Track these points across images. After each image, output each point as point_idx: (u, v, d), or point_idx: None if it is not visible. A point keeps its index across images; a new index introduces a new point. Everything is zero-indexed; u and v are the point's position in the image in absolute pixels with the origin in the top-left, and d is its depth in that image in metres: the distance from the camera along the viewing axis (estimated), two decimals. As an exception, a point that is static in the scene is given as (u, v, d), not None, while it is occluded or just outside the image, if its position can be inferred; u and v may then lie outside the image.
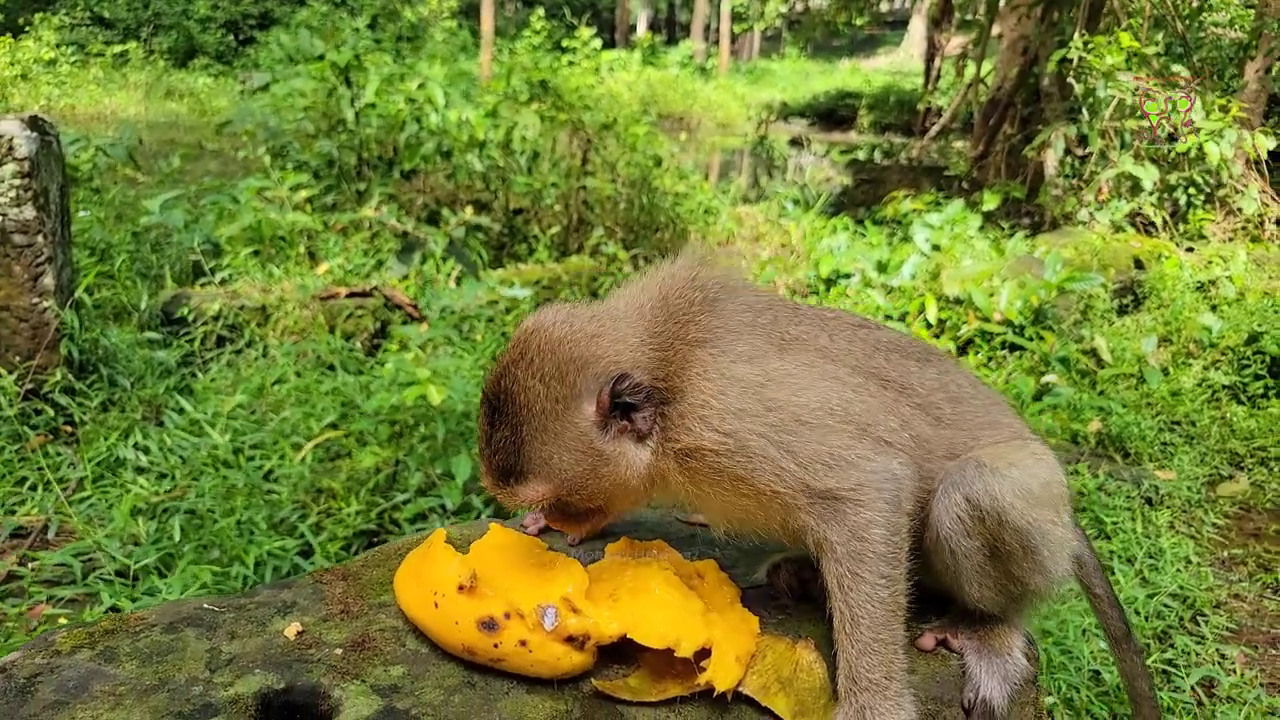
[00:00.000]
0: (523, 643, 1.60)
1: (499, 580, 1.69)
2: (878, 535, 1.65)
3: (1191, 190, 10.10)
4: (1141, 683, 2.24)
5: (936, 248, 8.66)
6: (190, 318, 6.58)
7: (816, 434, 1.69)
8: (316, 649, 1.62)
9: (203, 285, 7.38)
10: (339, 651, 1.63)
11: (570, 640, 1.61)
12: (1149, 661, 3.78)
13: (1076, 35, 10.80)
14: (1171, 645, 3.98)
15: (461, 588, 1.63)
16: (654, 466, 1.75)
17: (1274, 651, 4.07)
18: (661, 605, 1.66)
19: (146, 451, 4.99)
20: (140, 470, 4.87)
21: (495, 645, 1.60)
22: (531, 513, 2.17)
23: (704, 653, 1.62)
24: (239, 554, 3.99)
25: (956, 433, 1.89)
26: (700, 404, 1.70)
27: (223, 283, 7.36)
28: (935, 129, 19.11)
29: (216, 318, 6.60)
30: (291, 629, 1.65)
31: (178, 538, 4.04)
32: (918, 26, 38.99)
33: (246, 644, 1.61)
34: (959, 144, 19.58)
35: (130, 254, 8.07)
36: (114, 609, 3.51)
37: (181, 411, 5.41)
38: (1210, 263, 8.69)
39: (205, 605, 1.68)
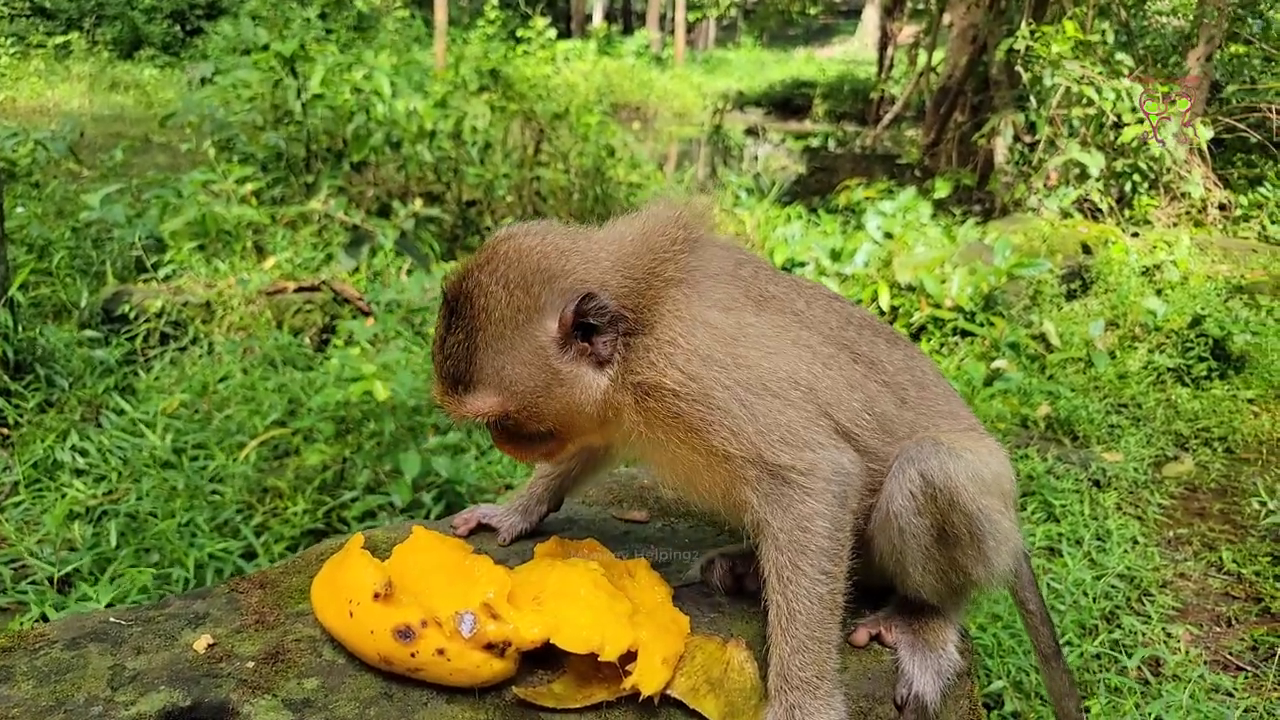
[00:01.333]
0: (440, 651, 1.54)
1: (418, 586, 1.63)
2: (822, 528, 1.62)
3: (1136, 177, 10.26)
4: (1069, 702, 2.22)
5: (889, 235, 8.71)
6: (132, 315, 6.41)
7: (779, 404, 1.65)
8: (227, 662, 1.56)
9: (145, 281, 7.19)
10: (251, 664, 1.56)
11: (490, 647, 1.55)
12: (1096, 643, 3.82)
13: (1024, 25, 10.91)
14: (1119, 626, 4.03)
15: (377, 595, 1.57)
16: (610, 397, 1.69)
17: (1218, 629, 4.14)
18: (586, 608, 1.61)
19: (85, 454, 4.85)
20: (79, 473, 4.73)
21: (412, 655, 1.54)
22: (461, 512, 2.12)
23: (630, 656, 1.58)
24: (179, 557, 3.88)
25: (918, 416, 1.87)
26: (668, 340, 1.65)
27: (166, 279, 7.18)
28: (888, 117, 19.25)
29: (159, 314, 6.44)
30: (201, 642, 1.59)
31: (115, 542, 3.93)
32: (871, 16, 39.20)
33: (153, 659, 1.54)
34: (911, 132, 19.74)
35: (70, 250, 7.85)
36: (43, 618, 3.40)
37: (122, 412, 5.26)
38: (1155, 248, 8.83)
39: (112, 619, 1.61)
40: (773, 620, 1.62)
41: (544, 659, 1.62)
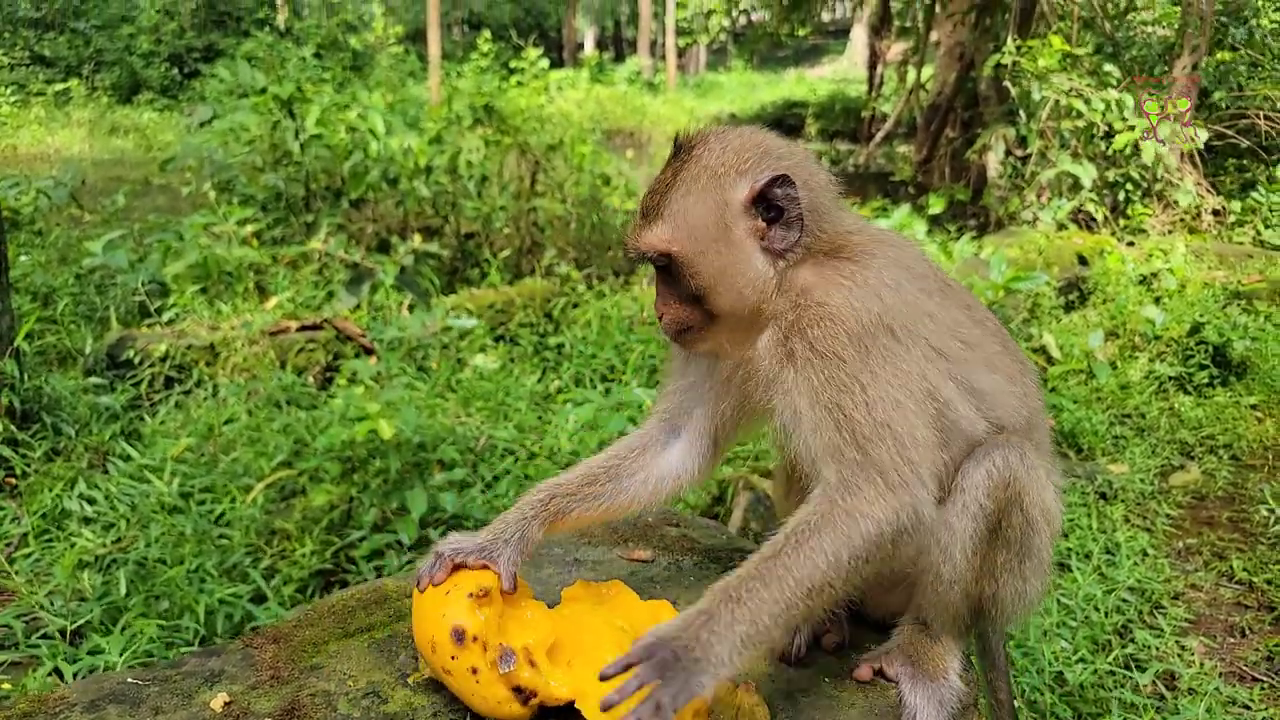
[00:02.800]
0: (474, 670, 1.60)
1: (506, 609, 1.73)
2: (866, 531, 1.59)
3: (1129, 186, 10.31)
4: None
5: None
6: (136, 360, 6.44)
7: (916, 409, 1.66)
8: (243, 720, 1.57)
9: (149, 326, 7.23)
10: (267, 721, 1.58)
11: (518, 691, 1.60)
12: (1109, 659, 3.81)
13: (1009, 40, 11.01)
14: (1132, 640, 4.02)
15: (472, 594, 1.65)
16: (767, 291, 1.75)
17: (1232, 640, 4.13)
18: None
19: (92, 502, 4.86)
20: (87, 521, 4.74)
21: (452, 658, 1.60)
22: (426, 559, 1.90)
23: None
24: (189, 604, 3.89)
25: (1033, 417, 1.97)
26: (854, 270, 1.71)
27: (169, 322, 7.22)
28: (880, 135, 19.36)
29: (164, 359, 6.47)
30: (218, 700, 1.60)
31: (124, 591, 3.94)
32: (859, 35, 39.49)
33: (171, 719, 1.55)
34: (903, 149, 19.84)
35: (74, 297, 7.91)
36: (56, 672, 3.41)
37: (128, 458, 5.28)
38: (1151, 256, 8.86)
39: (129, 679, 1.62)
40: (757, 553, 1.61)
41: (561, 715, 1.64)
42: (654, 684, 1.41)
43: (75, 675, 3.41)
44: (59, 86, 24.52)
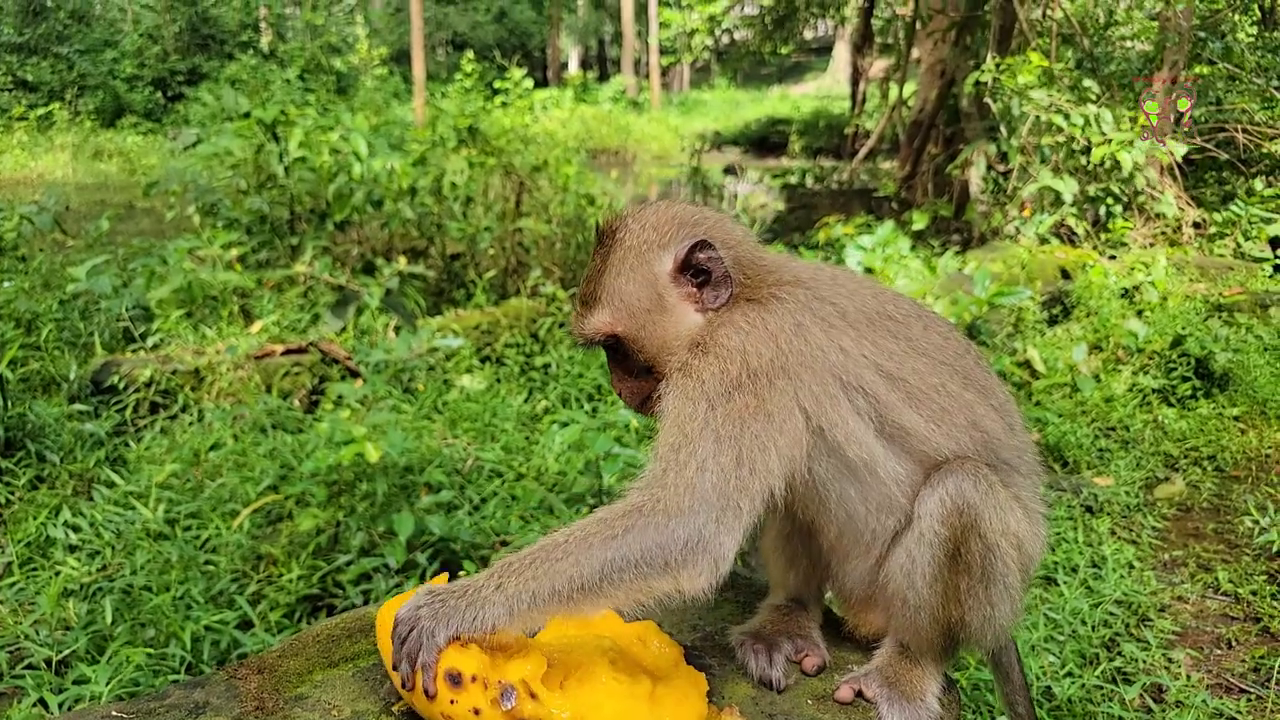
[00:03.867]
0: (476, 711, 1.58)
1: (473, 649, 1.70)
2: (639, 541, 1.62)
3: (1110, 200, 10.42)
4: None
5: (870, 270, 8.80)
6: (121, 386, 6.41)
7: (768, 448, 1.69)
8: (227, 752, 1.56)
9: (133, 351, 7.20)
10: (251, 753, 1.57)
11: None
12: (1097, 672, 3.83)
13: (990, 57, 11.13)
14: (1119, 653, 4.03)
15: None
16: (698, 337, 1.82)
17: (1218, 652, 4.15)
18: (609, 696, 1.64)
19: (77, 529, 4.83)
20: (72, 549, 4.70)
21: (451, 701, 1.59)
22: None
23: None
24: (175, 631, 3.86)
25: (1016, 442, 1.99)
26: (758, 315, 1.79)
27: (154, 347, 7.20)
28: (863, 152, 19.52)
29: (149, 384, 6.43)
30: (202, 732, 1.59)
31: (110, 619, 3.91)
32: (842, 52, 39.85)
33: (155, 751, 1.54)
34: (887, 165, 20.00)
35: (57, 323, 7.86)
36: (41, 702, 3.37)
37: (113, 485, 5.25)
38: (1133, 269, 8.95)
39: (114, 712, 1.61)
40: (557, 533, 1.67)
41: None
42: (420, 621, 1.59)
43: (61, 706, 3.38)
44: (41, 110, 24.47)
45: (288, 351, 6.98)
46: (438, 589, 1.66)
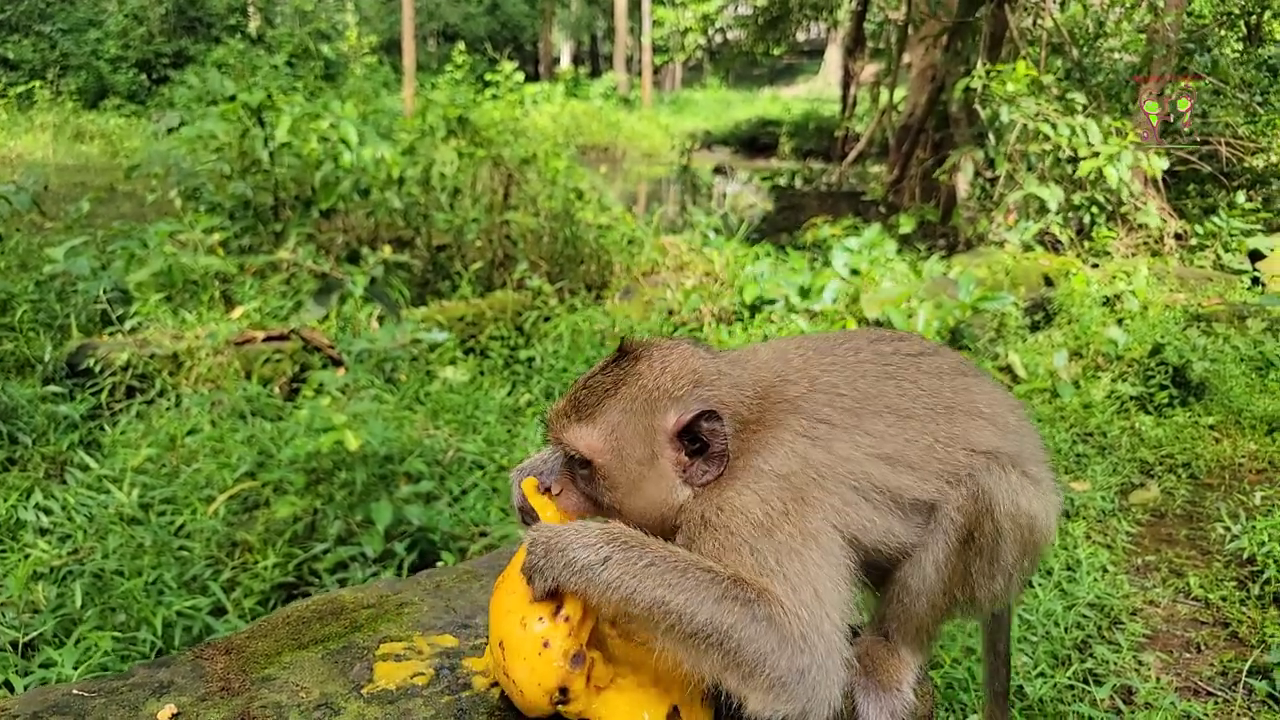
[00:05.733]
0: (546, 643, 1.56)
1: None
2: (756, 624, 1.56)
3: (1094, 209, 10.50)
4: None
5: (856, 272, 8.83)
6: (97, 369, 6.34)
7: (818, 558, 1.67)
8: (189, 733, 1.54)
9: (111, 334, 7.13)
10: (215, 735, 1.54)
11: (562, 691, 1.57)
12: (1069, 673, 3.85)
13: (979, 64, 11.19)
14: (1091, 655, 4.06)
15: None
16: (676, 510, 1.77)
17: (1188, 655, 4.18)
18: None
19: (49, 512, 4.77)
20: (43, 532, 4.65)
21: (540, 619, 1.58)
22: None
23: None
24: (146, 616, 3.83)
25: (1021, 445, 1.98)
26: (756, 471, 1.73)
27: (132, 331, 7.12)
28: (853, 155, 19.58)
29: (125, 368, 6.37)
30: (165, 712, 1.56)
31: (80, 603, 3.86)
32: (834, 55, 39.99)
33: (115, 731, 1.52)
34: (876, 168, 20.07)
35: (33, 304, 7.76)
36: (6, 684, 3.33)
37: (87, 468, 5.19)
38: (1114, 278, 9.02)
39: (75, 691, 1.58)
40: (683, 551, 1.64)
41: None
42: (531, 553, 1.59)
43: (26, 688, 3.34)
44: (22, 89, 24.17)
45: (269, 338, 6.93)
46: (549, 532, 1.62)
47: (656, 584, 1.53)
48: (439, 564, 4.43)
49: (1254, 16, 13.49)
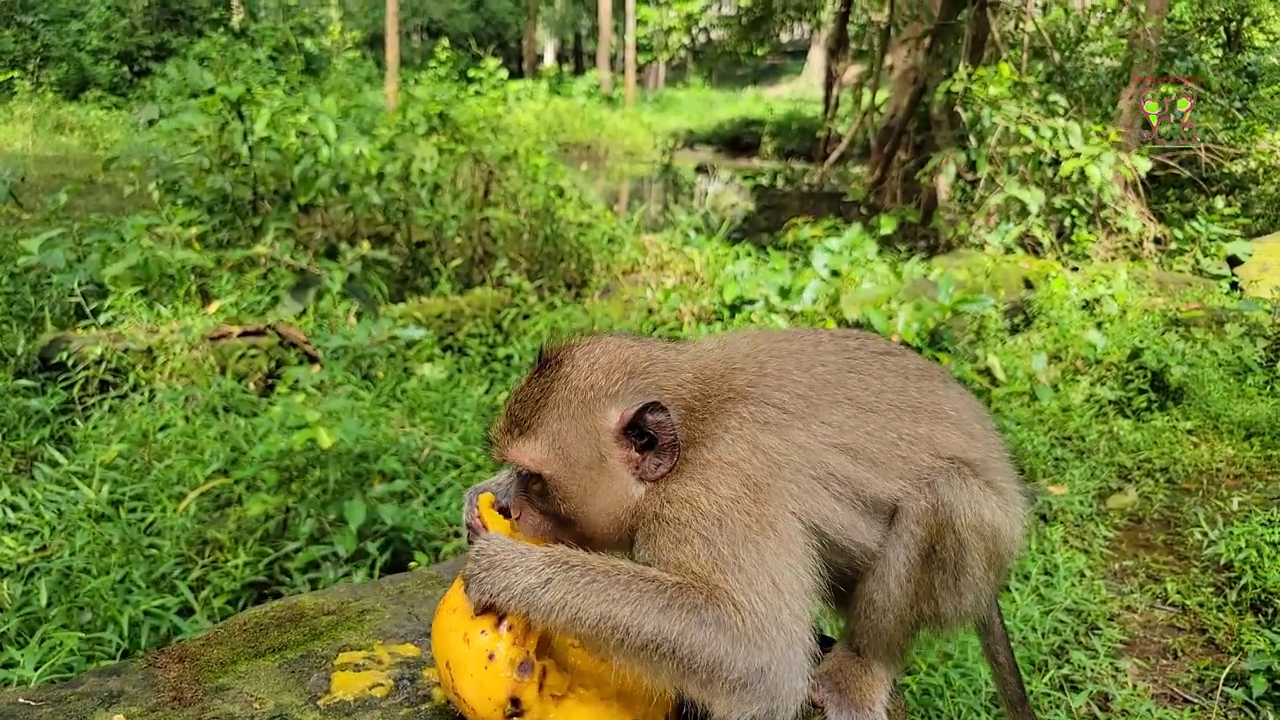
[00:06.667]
0: (491, 655, 1.52)
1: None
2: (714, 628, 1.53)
3: (1075, 212, 10.54)
4: None
5: (836, 273, 8.82)
6: (70, 362, 6.24)
7: (774, 549, 1.63)
8: (139, 744, 1.48)
9: (85, 328, 7.01)
10: (164, 746, 1.50)
11: (514, 704, 1.53)
12: (1045, 679, 3.84)
13: (961, 67, 11.21)
14: (1068, 661, 4.06)
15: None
16: (635, 510, 1.71)
17: (1164, 662, 4.19)
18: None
19: (16, 508, 4.68)
20: (9, 528, 4.56)
21: (482, 632, 1.53)
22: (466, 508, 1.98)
23: None
24: (113, 615, 3.75)
25: (987, 453, 1.94)
26: (707, 462, 1.68)
27: (106, 325, 7.01)
28: (834, 155, 19.61)
29: (99, 362, 6.27)
30: (113, 723, 1.51)
31: (45, 601, 3.79)
32: (817, 56, 40.06)
33: (62, 741, 1.46)
34: (857, 169, 20.11)
35: (7, 296, 7.65)
36: (-35, 686, 3.25)
37: (56, 464, 5.10)
38: (1094, 281, 9.05)
39: (21, 699, 1.53)
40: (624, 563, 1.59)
41: None
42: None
43: (-14, 690, 3.26)
44: (2, 78, 23.85)
45: (245, 333, 6.84)
46: (497, 545, 1.58)
47: (600, 600, 1.49)
48: (412, 564, 4.38)
49: (1233, 23, 13.60)
